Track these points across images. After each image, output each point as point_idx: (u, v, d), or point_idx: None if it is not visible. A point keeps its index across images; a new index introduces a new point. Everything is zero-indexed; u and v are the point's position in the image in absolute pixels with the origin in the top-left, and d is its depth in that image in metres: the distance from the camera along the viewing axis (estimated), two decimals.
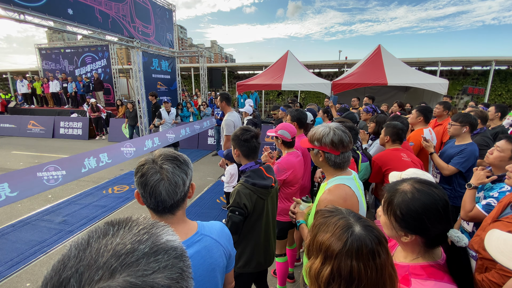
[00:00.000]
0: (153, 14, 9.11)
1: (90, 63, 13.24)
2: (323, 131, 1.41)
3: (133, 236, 0.36)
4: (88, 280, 0.31)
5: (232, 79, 18.23)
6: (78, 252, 0.34)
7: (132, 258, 0.34)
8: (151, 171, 0.86)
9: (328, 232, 0.73)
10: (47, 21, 5.77)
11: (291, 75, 9.14)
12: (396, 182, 0.97)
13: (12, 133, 10.79)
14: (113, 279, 0.31)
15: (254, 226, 1.70)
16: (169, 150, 0.97)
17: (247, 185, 1.64)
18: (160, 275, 0.34)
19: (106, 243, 0.35)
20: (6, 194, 2.37)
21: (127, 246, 0.35)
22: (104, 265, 0.32)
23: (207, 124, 7.57)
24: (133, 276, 0.32)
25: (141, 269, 0.33)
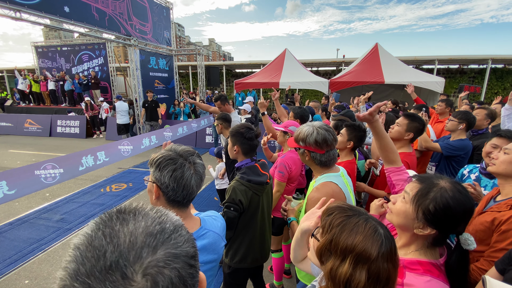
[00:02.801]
0: (150, 12, 9.08)
1: (87, 61, 13.17)
2: (307, 131, 1.44)
3: (154, 219, 0.41)
4: (137, 258, 0.35)
5: (230, 77, 18.21)
6: (110, 237, 0.36)
7: (165, 235, 0.39)
8: (185, 166, 0.92)
9: (359, 234, 0.70)
10: (43, 19, 5.74)
11: (289, 73, 9.16)
12: (433, 176, 0.96)
13: (9, 132, 10.74)
14: (156, 254, 0.36)
15: (250, 222, 1.73)
16: (186, 146, 1.02)
17: (242, 182, 1.67)
18: (186, 245, 0.41)
19: (135, 227, 0.38)
20: (4, 192, 2.38)
21: (156, 227, 0.39)
22: (145, 244, 0.36)
23: (204, 123, 7.58)
24: (170, 248, 0.38)
25: (174, 242, 0.39)
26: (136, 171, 6.19)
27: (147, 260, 0.35)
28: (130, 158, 5.13)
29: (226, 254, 1.78)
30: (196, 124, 7.13)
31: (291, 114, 2.90)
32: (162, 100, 10.28)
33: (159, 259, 0.36)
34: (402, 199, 0.98)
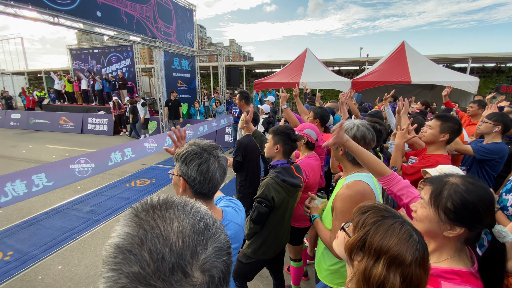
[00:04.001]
0: (175, 15, 9.39)
1: (115, 62, 13.89)
2: (346, 125, 1.43)
3: (194, 214, 0.42)
4: (193, 256, 0.37)
5: (250, 77, 18.32)
6: (164, 240, 0.37)
7: (210, 231, 0.41)
8: (210, 160, 0.97)
9: (394, 236, 0.70)
10: (77, 23, 6.16)
11: (309, 73, 9.06)
12: (441, 175, 0.96)
13: (46, 128, 11.62)
14: (207, 250, 0.39)
15: (279, 222, 1.77)
16: (209, 140, 1.07)
17: (277, 180, 1.69)
18: (224, 236, 0.44)
19: (182, 226, 0.39)
20: (43, 184, 2.61)
21: (201, 223, 0.41)
22: (197, 243, 0.38)
23: (224, 122, 7.71)
24: (216, 242, 0.41)
25: (217, 236, 0.42)
26: (159, 167, 6.45)
27: (202, 257, 0.38)
28: (154, 155, 5.37)
29: (248, 245, 1.82)
30: (216, 123, 7.28)
31: (311, 114, 2.87)
32: (184, 100, 10.59)
33: (211, 254, 0.39)
34: (421, 205, 0.97)
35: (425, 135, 2.04)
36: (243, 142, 2.87)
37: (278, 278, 2.17)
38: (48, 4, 5.34)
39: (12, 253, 3.18)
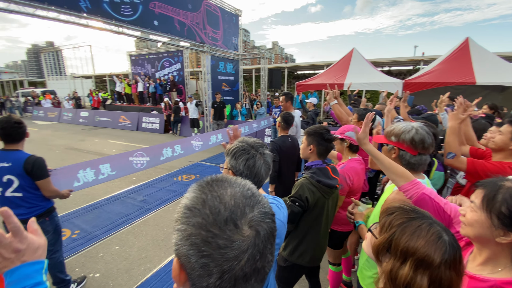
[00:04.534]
0: (222, 20, 9.85)
1: (167, 66, 15.13)
2: (404, 127, 1.36)
3: (243, 186, 0.51)
4: (242, 214, 0.46)
5: (292, 79, 18.22)
6: (220, 200, 0.46)
7: (256, 198, 0.50)
8: (257, 156, 1.06)
9: (421, 238, 0.69)
10: (137, 32, 6.87)
11: (355, 73, 8.64)
12: (496, 179, 0.91)
13: (108, 125, 13.21)
14: (254, 211, 0.47)
15: (314, 223, 1.76)
16: (256, 138, 1.17)
17: (312, 181, 1.70)
18: (269, 206, 0.51)
19: (234, 192, 0.48)
20: (108, 173, 3.00)
21: (248, 192, 0.50)
22: (245, 204, 0.47)
23: (264, 123, 7.81)
24: (261, 208, 0.49)
25: (262, 203, 0.50)
26: (203, 164, 6.84)
27: (249, 216, 0.46)
28: (198, 153, 5.74)
29: (284, 247, 1.84)
30: (257, 125, 7.41)
31: (354, 115, 2.75)
32: (227, 102, 11.02)
33: (256, 215, 0.47)
34: (471, 209, 0.91)
35: (495, 141, 1.82)
36: (277, 142, 2.90)
37: (313, 282, 2.13)
38: (114, 16, 6.08)
39: (78, 232, 3.71)
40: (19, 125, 2.12)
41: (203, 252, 0.43)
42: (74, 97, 17.70)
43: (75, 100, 17.54)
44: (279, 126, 3.04)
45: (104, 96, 18.25)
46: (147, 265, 3.02)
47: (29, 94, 21.03)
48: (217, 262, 0.42)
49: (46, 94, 20.06)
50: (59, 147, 8.85)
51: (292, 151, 3.00)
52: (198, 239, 0.43)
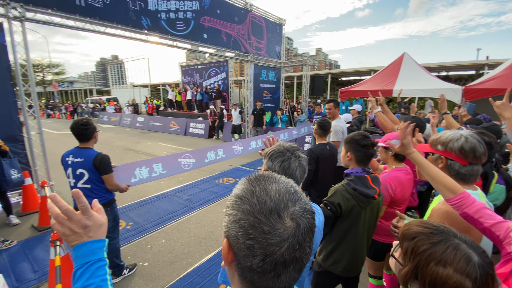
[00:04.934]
0: (266, 30, 10.14)
1: (214, 76, 16.07)
2: (451, 135, 1.28)
3: (287, 183, 0.56)
4: (285, 206, 0.51)
5: (335, 85, 17.69)
6: (266, 193, 0.52)
7: (298, 195, 0.54)
8: (291, 159, 1.12)
9: (448, 266, 0.65)
10: (187, 44, 7.51)
11: (406, 79, 8.04)
12: None
13: (160, 130, 14.50)
14: (296, 206, 0.52)
15: (349, 231, 1.72)
16: (292, 143, 1.22)
17: (347, 188, 1.67)
18: (310, 204, 0.56)
19: (279, 188, 0.53)
20: (160, 172, 3.34)
21: (291, 189, 0.55)
22: (288, 199, 0.52)
23: (304, 130, 7.73)
24: (302, 204, 0.53)
25: (304, 201, 0.54)
26: (242, 169, 7.06)
27: (291, 209, 0.51)
28: (238, 158, 5.98)
29: (319, 252, 1.83)
30: (297, 132, 7.38)
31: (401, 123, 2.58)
32: (268, 109, 11.21)
33: (298, 209, 0.52)
34: None
35: None
36: (315, 150, 2.84)
37: None
38: (170, 31, 6.76)
39: (132, 223, 4.14)
40: (84, 126, 2.52)
41: (250, 234, 0.48)
42: (132, 104, 19.90)
43: (133, 106, 19.71)
44: (315, 133, 3.00)
45: (157, 103, 20.15)
46: (189, 260, 3.24)
47: (96, 101, 24.37)
48: (261, 245, 0.48)
49: (110, 101, 22.99)
50: (119, 147, 10.03)
51: (330, 160, 2.93)
52: (246, 223, 0.49)
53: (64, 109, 24.92)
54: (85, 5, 5.12)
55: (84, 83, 49.82)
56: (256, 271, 0.49)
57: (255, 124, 9.40)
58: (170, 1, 6.66)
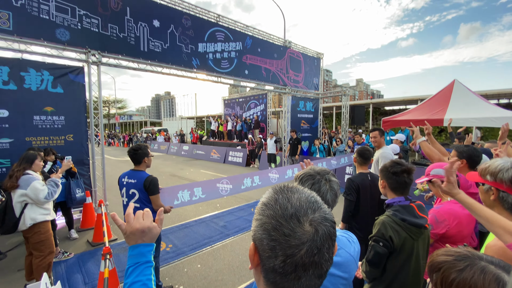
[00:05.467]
0: (304, 64, 10.56)
1: (253, 107, 16.88)
2: (501, 165, 1.18)
3: (309, 194, 0.61)
4: (305, 213, 0.56)
5: (378, 115, 16.99)
6: (288, 200, 0.57)
7: (318, 204, 0.59)
8: (322, 182, 1.13)
9: None
10: (230, 80, 8.18)
11: (459, 107, 7.40)
12: None
13: (202, 158, 15.35)
14: (315, 214, 0.57)
15: (402, 269, 1.56)
16: (323, 167, 1.25)
17: (395, 219, 1.56)
18: (330, 214, 0.60)
19: (300, 197, 0.59)
20: (199, 196, 3.53)
21: (312, 198, 0.60)
22: (308, 207, 0.57)
23: (344, 161, 7.44)
24: (322, 213, 0.58)
25: (323, 210, 0.59)
26: None
27: (310, 216, 0.56)
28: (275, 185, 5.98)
29: None
30: (336, 162, 7.15)
31: (453, 152, 2.36)
32: (306, 138, 11.18)
33: (317, 217, 0.56)
34: None
35: None
36: (355, 180, 2.70)
37: None
38: (215, 69, 7.50)
39: (171, 246, 4.31)
40: (135, 151, 2.85)
41: (272, 236, 0.54)
42: (180, 134, 21.68)
43: (180, 136, 21.44)
44: (355, 161, 2.90)
45: (201, 134, 21.63)
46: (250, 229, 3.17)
47: (149, 131, 27.13)
48: (282, 246, 0.52)
49: (161, 131, 25.42)
50: (165, 173, 10.83)
51: (373, 190, 2.76)
52: (269, 226, 0.55)
53: (122, 139, 28.25)
54: (147, 50, 6.09)
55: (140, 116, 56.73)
56: (278, 272, 0.53)
57: (290, 153, 9.42)
58: (217, 43, 7.50)
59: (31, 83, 4.65)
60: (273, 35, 9.29)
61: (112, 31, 5.54)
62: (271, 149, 10.77)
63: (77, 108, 5.20)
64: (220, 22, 7.63)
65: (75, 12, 5.05)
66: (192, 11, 6.97)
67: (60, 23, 4.89)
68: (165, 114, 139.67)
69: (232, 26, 7.96)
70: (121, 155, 18.32)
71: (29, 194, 2.92)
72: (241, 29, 8.22)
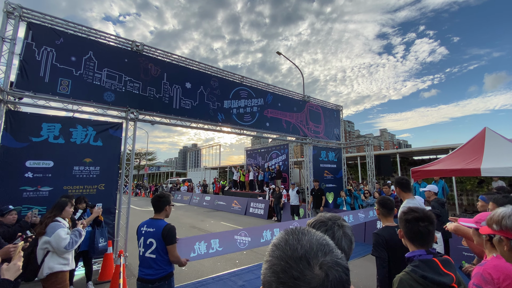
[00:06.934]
0: (323, 116, 10.91)
1: (275, 158, 17.05)
2: (503, 212, 1.10)
3: (321, 236, 0.61)
4: (315, 256, 0.54)
5: (406, 165, 16.18)
6: (298, 241, 0.57)
7: (330, 247, 0.58)
8: (335, 228, 1.10)
9: None
10: (253, 132, 8.59)
11: (495, 156, 6.90)
12: None
13: (223, 209, 15.12)
14: (326, 257, 0.55)
15: None
16: (333, 213, 1.22)
17: (414, 276, 1.40)
18: (343, 259, 0.58)
19: (311, 239, 0.58)
20: (216, 248, 3.40)
21: (324, 241, 0.59)
22: (319, 249, 0.56)
23: (373, 214, 6.92)
24: (334, 257, 0.56)
25: (335, 254, 0.57)
26: None
27: (321, 259, 0.54)
28: None
29: None
30: (364, 215, 6.66)
31: (491, 204, 2.16)
32: (330, 189, 10.76)
33: (328, 261, 0.55)
34: None
35: None
36: (382, 234, 2.46)
37: None
38: (238, 122, 8.01)
39: None
40: (159, 198, 2.93)
41: (280, 278, 0.52)
42: (203, 184, 21.99)
43: (203, 186, 21.70)
44: (378, 213, 2.69)
45: (223, 184, 21.75)
46: None
47: (174, 181, 27.92)
48: None
49: (185, 182, 26.01)
50: (185, 224, 10.70)
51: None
52: (278, 268, 0.53)
53: (149, 189, 29.21)
54: (178, 108, 6.78)
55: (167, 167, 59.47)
56: None
57: (314, 206, 8.98)
58: (240, 100, 8.18)
59: (76, 137, 5.28)
60: (293, 91, 9.96)
61: (150, 92, 6.35)
62: (294, 200, 10.41)
63: (112, 160, 5.67)
64: (244, 82, 8.45)
65: (121, 78, 5.96)
66: (219, 74, 7.88)
67: (108, 87, 5.76)
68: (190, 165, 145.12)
69: (255, 85, 8.74)
70: (145, 205, 18.69)
71: (51, 242, 2.99)
72: (263, 87, 8.98)
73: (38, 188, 4.84)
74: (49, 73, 5.14)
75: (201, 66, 7.52)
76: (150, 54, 6.56)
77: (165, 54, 6.85)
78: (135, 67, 6.19)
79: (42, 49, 5.10)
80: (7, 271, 1.76)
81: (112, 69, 5.85)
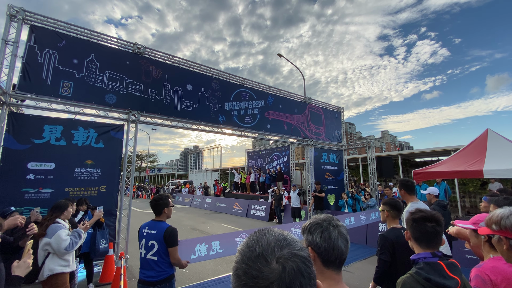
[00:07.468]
0: (324, 118, 10.90)
1: (276, 159, 17.03)
2: (502, 213, 1.10)
3: (279, 232, 0.64)
4: (272, 251, 0.57)
5: (408, 167, 16.11)
6: (257, 241, 0.60)
7: (287, 241, 0.61)
8: (330, 228, 1.09)
9: None
10: (254, 134, 8.60)
11: (497, 157, 6.87)
12: None
13: (224, 211, 15.09)
14: (283, 251, 0.58)
15: None
16: (327, 214, 1.21)
17: (418, 278, 1.39)
18: (302, 251, 0.60)
19: (269, 237, 0.61)
20: (217, 250, 3.40)
21: (281, 237, 0.62)
22: (275, 245, 0.59)
23: (375, 216, 6.89)
24: (291, 249, 0.58)
25: (293, 246, 0.60)
26: None
27: (277, 254, 0.57)
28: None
29: None
30: (365, 217, 6.64)
31: (492, 206, 2.14)
32: (332, 191, 10.73)
33: (285, 254, 0.57)
34: None
35: None
36: (388, 236, 2.44)
37: None
38: (240, 124, 8.02)
39: None
40: (157, 201, 2.93)
41: (242, 281, 0.54)
42: (204, 186, 21.98)
43: (204, 188, 21.69)
44: (387, 215, 2.65)
45: (224, 186, 21.74)
46: None
47: (175, 183, 27.92)
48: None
49: (186, 184, 26.03)
50: (186, 226, 10.69)
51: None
52: (240, 271, 0.55)
53: (150, 191, 29.23)
54: (180, 110, 6.79)
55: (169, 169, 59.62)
56: None
57: (315, 207, 8.94)
58: (241, 102, 8.20)
59: (78, 139, 5.30)
60: (294, 93, 9.97)
61: (152, 94, 6.38)
62: (295, 202, 10.38)
63: (113, 161, 5.69)
64: (245, 84, 8.47)
65: (123, 80, 5.99)
66: (220, 76, 7.90)
67: (110, 89, 5.79)
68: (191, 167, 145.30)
69: (256, 87, 8.76)
70: (146, 207, 18.70)
71: (52, 243, 2.98)
72: (264, 89, 8.99)
73: (40, 190, 4.85)
74: (51, 76, 5.17)
75: (202, 68, 7.55)
76: (152, 57, 6.59)
77: (166, 57, 6.89)
78: (136, 70, 6.22)
79: (45, 51, 5.14)
80: (17, 268, 1.82)
81: (114, 72, 5.88)
